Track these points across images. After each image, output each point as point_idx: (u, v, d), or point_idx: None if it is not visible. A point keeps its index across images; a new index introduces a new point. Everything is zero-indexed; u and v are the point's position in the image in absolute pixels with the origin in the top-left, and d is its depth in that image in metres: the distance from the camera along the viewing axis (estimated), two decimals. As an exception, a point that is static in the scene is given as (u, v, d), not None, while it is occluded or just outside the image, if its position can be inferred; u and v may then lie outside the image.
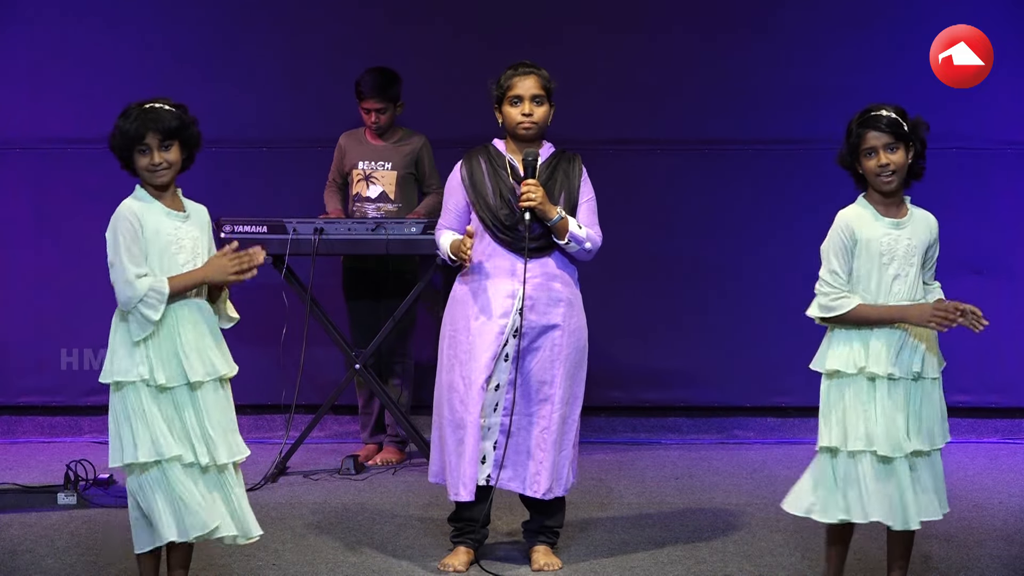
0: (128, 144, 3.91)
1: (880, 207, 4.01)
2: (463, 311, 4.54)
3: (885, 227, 3.99)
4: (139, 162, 3.92)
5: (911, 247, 3.99)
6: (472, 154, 4.59)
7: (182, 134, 3.93)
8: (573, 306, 4.57)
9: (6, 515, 5.25)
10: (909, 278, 3.99)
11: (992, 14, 6.81)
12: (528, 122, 4.50)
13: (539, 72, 4.54)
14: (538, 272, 4.50)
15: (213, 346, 4.00)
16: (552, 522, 4.65)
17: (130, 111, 3.92)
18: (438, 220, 4.64)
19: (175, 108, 3.95)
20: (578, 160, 4.62)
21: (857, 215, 4.01)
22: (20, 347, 7.04)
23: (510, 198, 4.49)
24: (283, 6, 7.13)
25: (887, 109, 3.98)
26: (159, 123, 3.89)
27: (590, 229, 4.54)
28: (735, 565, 4.58)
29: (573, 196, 4.55)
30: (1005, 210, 6.97)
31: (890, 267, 3.98)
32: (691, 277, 7.08)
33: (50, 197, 7.13)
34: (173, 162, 3.93)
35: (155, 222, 3.91)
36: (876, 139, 3.95)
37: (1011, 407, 7.01)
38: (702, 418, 7.09)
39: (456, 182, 4.58)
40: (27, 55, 7.10)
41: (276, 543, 4.85)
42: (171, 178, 3.96)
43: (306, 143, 6.99)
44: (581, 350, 4.59)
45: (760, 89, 6.98)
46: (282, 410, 6.62)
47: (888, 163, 3.95)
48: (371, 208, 6.26)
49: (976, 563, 4.58)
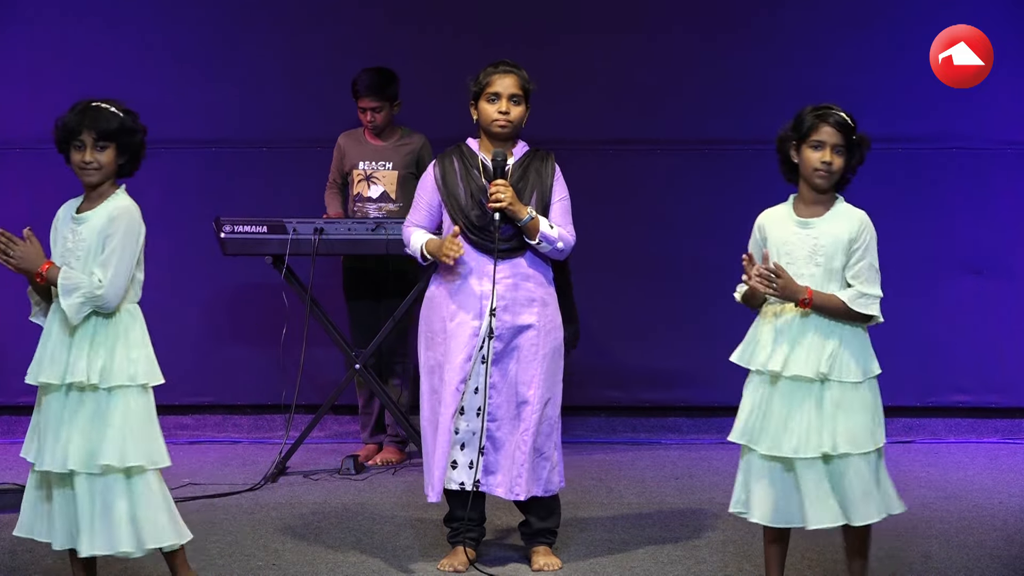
0: (65, 137, 3.92)
1: (800, 206, 4.03)
2: (438, 313, 4.54)
3: (792, 226, 4.00)
4: (72, 157, 3.94)
5: (817, 247, 3.97)
6: (446, 154, 4.60)
7: (120, 138, 3.91)
8: (547, 306, 4.55)
9: (6, 515, 5.24)
10: (815, 278, 3.95)
11: (992, 14, 6.81)
12: (504, 120, 4.49)
13: (519, 72, 4.54)
14: (509, 272, 4.49)
15: (65, 349, 3.98)
16: (547, 524, 4.64)
17: (76, 105, 3.93)
18: None
19: (122, 112, 3.92)
20: (551, 159, 4.61)
21: (774, 213, 4.07)
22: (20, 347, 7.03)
23: (481, 198, 4.48)
24: (283, 6, 7.13)
25: (845, 113, 3.98)
26: (97, 122, 3.88)
27: (562, 228, 4.52)
28: (735, 565, 4.58)
29: (545, 195, 4.53)
30: (1005, 210, 6.96)
31: (792, 267, 3.97)
32: (691, 277, 7.07)
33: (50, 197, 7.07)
34: (104, 163, 3.92)
35: (59, 224, 4.03)
36: (829, 135, 3.95)
37: (1011, 407, 7.01)
38: (702, 418, 7.09)
39: (429, 181, 4.58)
40: (27, 55, 7.10)
41: (276, 543, 4.85)
42: (99, 179, 3.94)
43: (306, 143, 6.98)
44: (557, 349, 4.57)
45: (760, 89, 6.98)
46: (282, 410, 6.62)
47: (831, 162, 3.95)
48: (372, 208, 6.26)
49: (976, 563, 4.58)
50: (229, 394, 7.07)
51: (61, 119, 3.92)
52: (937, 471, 6.18)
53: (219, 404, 7.07)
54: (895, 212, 6.89)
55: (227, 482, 5.84)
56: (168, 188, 6.82)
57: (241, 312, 7.02)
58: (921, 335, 6.92)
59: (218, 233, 5.93)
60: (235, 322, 6.98)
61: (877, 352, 4.03)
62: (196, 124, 7.00)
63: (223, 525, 5.09)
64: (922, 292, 6.89)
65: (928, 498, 5.57)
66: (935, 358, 6.98)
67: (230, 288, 7.01)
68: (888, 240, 6.92)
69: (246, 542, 4.88)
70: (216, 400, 7.10)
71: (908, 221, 6.89)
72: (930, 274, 6.90)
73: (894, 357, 6.93)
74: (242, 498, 5.61)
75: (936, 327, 6.94)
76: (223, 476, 5.97)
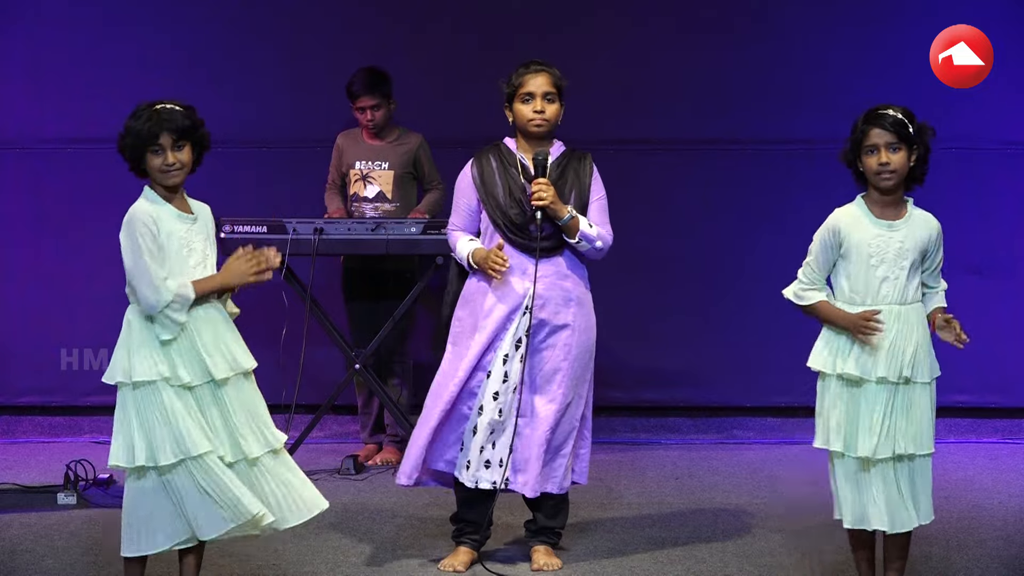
0: (141, 144, 3.87)
1: (876, 207, 4.00)
2: (472, 310, 4.54)
3: (876, 228, 3.98)
4: (152, 163, 3.89)
5: (903, 250, 3.97)
6: (482, 153, 4.58)
7: (194, 135, 3.92)
8: (583, 306, 4.56)
9: (6, 515, 5.25)
10: (899, 281, 3.97)
11: (992, 14, 6.81)
12: (540, 119, 4.49)
13: (551, 70, 4.53)
14: (549, 271, 4.49)
15: (232, 342, 4.03)
16: (553, 523, 4.64)
17: (140, 112, 3.89)
18: (440, 220, 4.64)
19: (185, 108, 3.93)
20: (589, 159, 4.62)
21: (849, 215, 4.01)
22: (20, 347, 7.04)
23: (520, 197, 4.48)
24: (283, 6, 7.13)
25: (895, 109, 3.97)
26: (173, 123, 3.87)
27: (601, 228, 4.53)
28: (735, 565, 4.58)
29: (584, 195, 4.54)
30: (1005, 210, 6.96)
31: (878, 269, 3.97)
32: (691, 277, 7.08)
33: (50, 197, 7.12)
34: (186, 163, 3.92)
35: (168, 225, 3.89)
36: (879, 136, 3.94)
37: (1011, 407, 7.00)
38: (702, 418, 7.09)
39: (467, 182, 4.57)
40: (27, 55, 7.09)
41: (276, 543, 4.85)
42: (183, 179, 3.94)
43: (306, 143, 6.98)
44: (589, 350, 4.58)
45: (760, 89, 6.98)
46: (282, 410, 6.58)
47: (888, 162, 3.93)
48: (369, 208, 6.26)
49: (976, 563, 4.57)
50: (229, 394, 7.06)
51: (131, 127, 3.87)
52: (937, 471, 6.14)
53: (219, 404, 7.06)
54: (895, 212, 6.91)
55: (227, 482, 5.83)
56: (168, 188, 6.82)
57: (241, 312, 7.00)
58: (921, 335, 6.92)
59: (218, 233, 5.91)
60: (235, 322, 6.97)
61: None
62: (196, 124, 7.00)
63: (223, 525, 5.09)
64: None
65: (928, 498, 5.57)
66: (935, 358, 6.96)
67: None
68: (888, 240, 7.01)
69: (246, 542, 4.87)
70: (216, 400, 7.09)
71: (908, 221, 6.89)
72: (930, 274, 6.91)
73: (894, 357, 6.99)
74: (242, 498, 5.60)
75: (936, 327, 6.94)
76: (223, 476, 5.96)
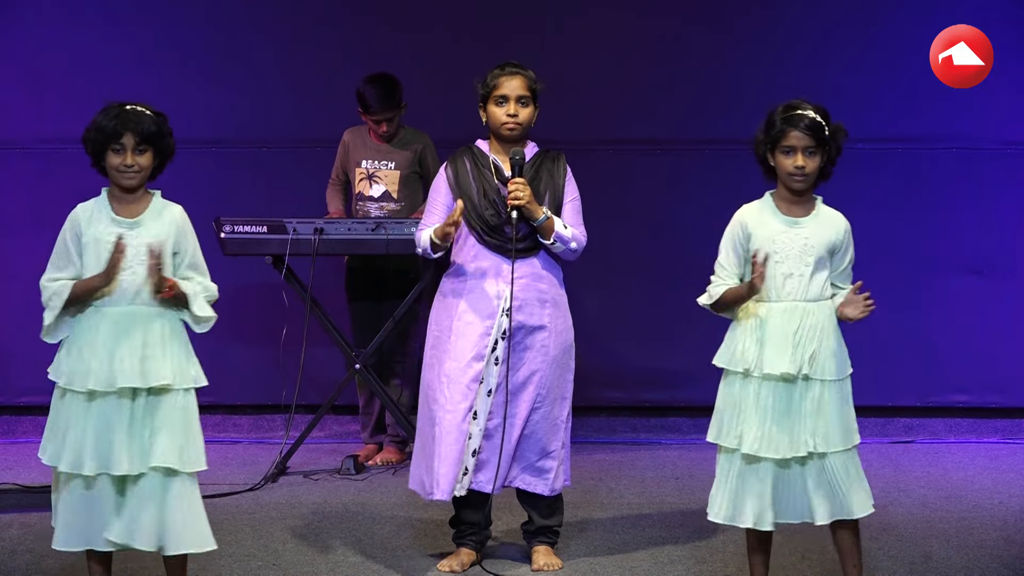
0: (104, 140, 3.89)
1: (783, 204, 4.00)
2: (447, 312, 4.53)
3: (781, 225, 3.97)
4: (111, 160, 3.90)
5: (808, 247, 3.95)
6: (457, 155, 4.58)
7: (158, 142, 3.92)
8: (559, 307, 4.56)
9: (6, 515, 5.25)
10: (804, 278, 3.94)
11: (992, 14, 6.81)
12: (513, 123, 4.49)
13: (525, 73, 4.53)
14: (525, 272, 4.49)
15: (137, 355, 3.83)
16: (550, 523, 4.64)
17: (110, 108, 3.91)
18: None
19: (155, 114, 3.93)
20: (562, 159, 4.61)
21: (755, 211, 4.02)
22: (20, 347, 7.04)
23: (495, 198, 4.48)
24: (283, 7, 7.13)
25: (812, 110, 3.93)
26: (139, 125, 3.88)
27: (575, 229, 4.53)
28: (735, 565, 4.58)
29: (558, 195, 4.54)
30: (1005, 210, 6.96)
31: (783, 265, 3.95)
32: (691, 277, 6.99)
33: (50, 197, 7.11)
34: (144, 167, 3.91)
35: (96, 230, 3.89)
36: (798, 139, 3.92)
37: (1011, 407, 7.00)
38: (702, 418, 7.02)
39: (442, 183, 4.56)
40: (27, 55, 7.10)
41: (276, 543, 4.85)
42: (139, 183, 3.93)
43: (306, 143, 6.98)
44: (567, 351, 4.58)
45: (760, 89, 6.96)
46: (282, 410, 6.62)
47: (804, 166, 3.92)
48: (374, 207, 6.26)
49: (976, 563, 4.58)
50: (229, 394, 7.07)
51: (97, 122, 3.89)
52: (937, 471, 6.18)
53: (219, 404, 7.07)
54: (895, 212, 6.90)
55: (227, 482, 5.84)
56: (168, 188, 6.76)
57: (241, 312, 7.01)
58: (921, 335, 6.92)
59: (218, 233, 5.93)
60: (235, 322, 6.97)
61: (877, 352, 4.03)
62: (196, 124, 6.98)
63: (223, 525, 5.08)
64: (922, 292, 6.89)
65: (928, 498, 5.57)
66: (935, 358, 6.97)
67: (230, 288, 6.97)
68: (888, 240, 7.01)
69: (246, 542, 4.88)
70: (216, 400, 7.08)
71: (908, 221, 6.89)
72: (930, 274, 6.90)
73: (894, 357, 6.99)
74: (242, 498, 5.61)
75: (936, 327, 6.94)
76: (223, 476, 5.96)
